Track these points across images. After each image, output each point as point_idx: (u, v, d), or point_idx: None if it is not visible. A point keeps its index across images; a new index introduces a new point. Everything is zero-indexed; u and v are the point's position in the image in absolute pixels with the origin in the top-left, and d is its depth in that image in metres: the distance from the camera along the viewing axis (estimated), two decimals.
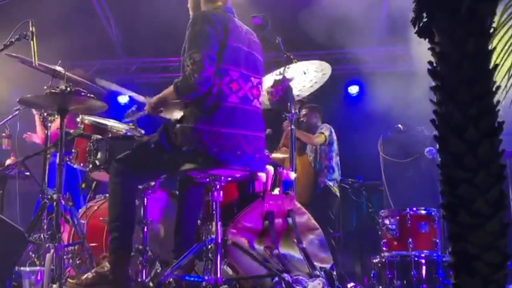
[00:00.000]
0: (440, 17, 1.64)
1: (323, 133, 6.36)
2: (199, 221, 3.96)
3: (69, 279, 3.48)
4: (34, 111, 5.53)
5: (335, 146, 6.42)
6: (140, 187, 3.84)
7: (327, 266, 3.92)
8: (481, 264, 1.58)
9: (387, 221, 5.10)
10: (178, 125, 3.34)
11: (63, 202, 3.71)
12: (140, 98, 3.74)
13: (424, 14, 1.68)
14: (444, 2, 1.63)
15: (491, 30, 1.67)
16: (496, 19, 1.70)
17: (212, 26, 3.30)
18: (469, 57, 1.62)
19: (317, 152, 6.40)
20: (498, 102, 1.64)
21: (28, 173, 4.96)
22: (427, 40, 1.71)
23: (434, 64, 1.68)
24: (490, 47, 1.67)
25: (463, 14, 1.61)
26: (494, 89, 1.64)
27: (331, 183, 6.28)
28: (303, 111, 6.57)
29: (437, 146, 1.67)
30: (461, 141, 1.62)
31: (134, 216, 3.57)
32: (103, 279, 3.38)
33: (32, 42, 3.72)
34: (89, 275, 3.43)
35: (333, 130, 6.43)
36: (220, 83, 3.29)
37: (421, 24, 1.69)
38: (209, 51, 3.25)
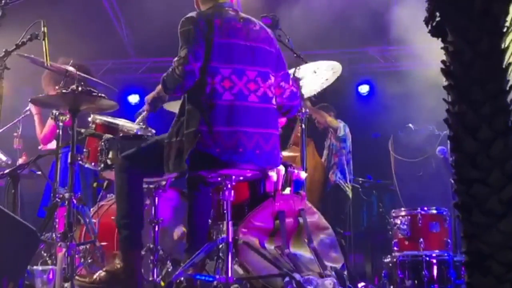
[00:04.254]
0: (453, 16, 1.63)
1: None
2: (210, 220, 3.96)
3: (79, 278, 3.49)
4: (33, 111, 5.52)
5: (348, 143, 6.42)
6: (151, 186, 3.85)
7: (338, 265, 3.92)
8: (495, 263, 1.58)
9: (398, 221, 5.09)
10: (185, 132, 3.30)
11: (75, 202, 3.72)
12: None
13: (437, 14, 1.67)
14: (457, 1, 1.63)
15: (504, 29, 1.66)
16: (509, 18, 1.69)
17: (196, 25, 3.31)
18: (482, 56, 1.61)
19: (330, 149, 6.41)
20: None
21: (39, 172, 4.97)
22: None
23: (447, 63, 1.68)
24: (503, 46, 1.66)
25: (476, 13, 1.61)
26: (507, 88, 1.64)
27: (341, 181, 6.27)
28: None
29: (449, 145, 1.67)
30: (474, 140, 1.61)
31: (143, 211, 3.57)
32: (114, 277, 3.39)
33: (43, 42, 3.74)
34: (100, 273, 3.44)
35: (347, 128, 6.44)
36: (213, 82, 3.27)
37: (434, 24, 1.69)
38: (194, 47, 3.27)
